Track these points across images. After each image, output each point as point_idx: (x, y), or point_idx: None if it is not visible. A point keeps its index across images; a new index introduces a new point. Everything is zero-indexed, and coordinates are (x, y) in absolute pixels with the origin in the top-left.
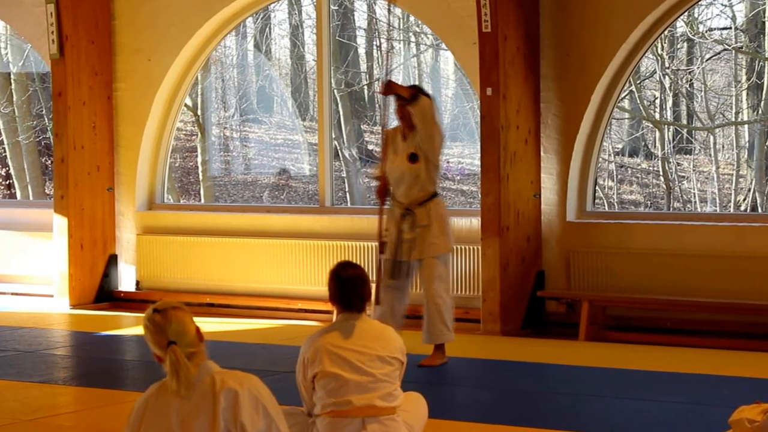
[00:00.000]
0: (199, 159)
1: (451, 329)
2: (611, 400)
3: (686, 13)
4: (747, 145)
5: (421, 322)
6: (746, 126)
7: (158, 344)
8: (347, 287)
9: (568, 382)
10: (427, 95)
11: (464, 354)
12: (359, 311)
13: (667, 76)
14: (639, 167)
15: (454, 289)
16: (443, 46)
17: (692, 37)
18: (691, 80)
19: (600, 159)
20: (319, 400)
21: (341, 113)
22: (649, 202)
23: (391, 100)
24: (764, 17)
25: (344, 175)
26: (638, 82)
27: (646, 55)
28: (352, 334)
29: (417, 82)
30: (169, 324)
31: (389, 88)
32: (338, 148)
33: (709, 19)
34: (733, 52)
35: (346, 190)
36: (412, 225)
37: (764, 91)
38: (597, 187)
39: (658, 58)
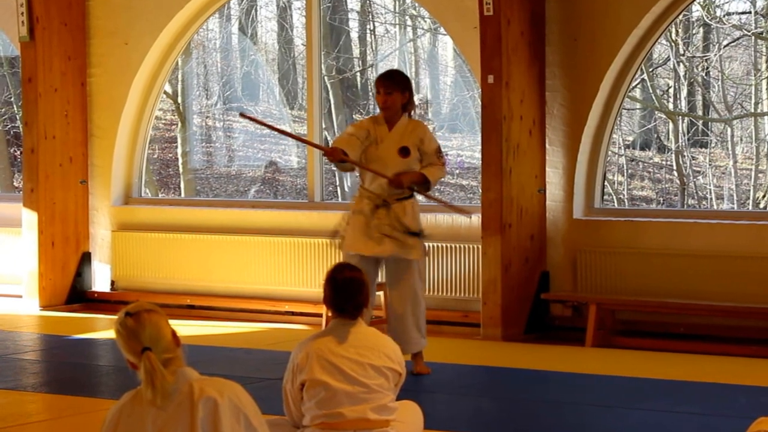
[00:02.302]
0: (180, 150)
1: (424, 334)
2: (620, 410)
3: None
4: (767, 138)
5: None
6: (766, 117)
7: (131, 350)
8: (342, 291)
9: (573, 392)
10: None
11: (463, 361)
12: (353, 318)
13: (681, 64)
14: (651, 161)
15: (452, 290)
16: (442, 30)
17: (709, 21)
18: (707, 68)
19: (609, 152)
20: (308, 411)
21: (332, 102)
22: (661, 199)
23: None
24: None
25: (335, 168)
26: (651, 70)
27: (659, 41)
28: (346, 339)
29: (409, 73)
30: (142, 328)
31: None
32: (329, 139)
33: (727, 2)
34: (753, 38)
35: (337, 184)
36: (387, 217)
37: None
38: (606, 183)
39: (672, 44)
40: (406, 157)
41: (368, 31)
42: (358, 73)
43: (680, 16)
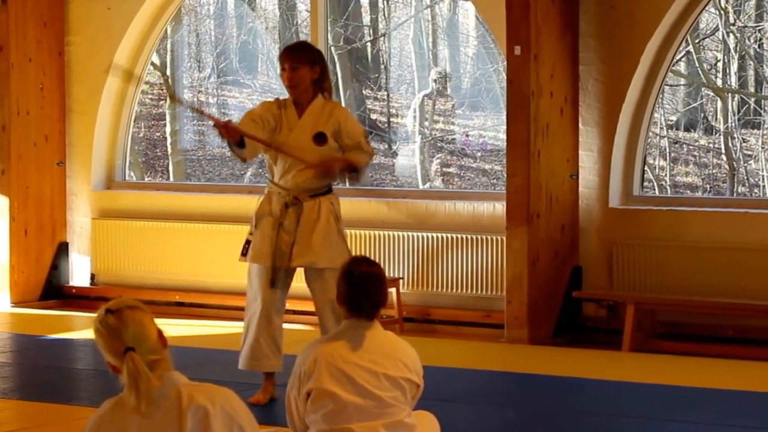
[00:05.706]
0: (168, 128)
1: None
2: (660, 422)
3: None
4: None
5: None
6: None
7: (113, 351)
8: (359, 287)
9: (608, 401)
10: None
11: (485, 366)
12: (370, 318)
13: (731, 35)
14: (697, 144)
15: (473, 287)
16: None
17: None
18: (760, 39)
19: (650, 133)
20: (313, 424)
21: (339, 75)
22: (708, 186)
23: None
24: None
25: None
26: (697, 41)
27: (706, 9)
28: (360, 345)
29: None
30: (125, 327)
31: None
32: None
33: None
34: None
35: None
36: (297, 220)
37: None
38: (646, 168)
39: (722, 12)
40: (322, 145)
41: None
42: (369, 44)
43: None
